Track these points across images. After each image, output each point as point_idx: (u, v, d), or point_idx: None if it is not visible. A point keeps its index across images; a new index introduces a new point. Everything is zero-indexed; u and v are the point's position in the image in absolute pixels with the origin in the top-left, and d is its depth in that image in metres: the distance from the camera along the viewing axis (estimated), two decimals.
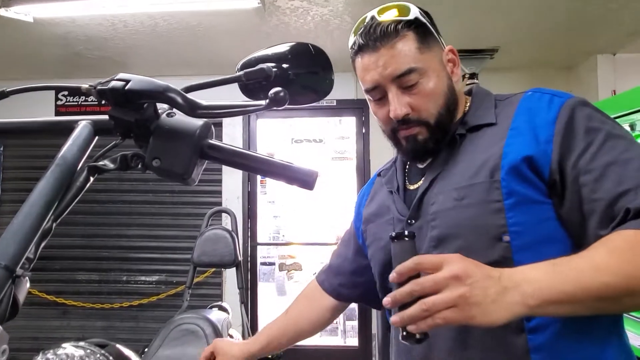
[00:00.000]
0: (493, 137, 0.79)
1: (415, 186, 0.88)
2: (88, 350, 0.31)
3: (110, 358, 0.31)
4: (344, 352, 3.79)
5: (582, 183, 0.70)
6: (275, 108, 0.57)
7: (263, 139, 3.96)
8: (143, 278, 3.69)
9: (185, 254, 3.57)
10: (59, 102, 3.78)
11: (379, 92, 0.85)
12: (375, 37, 0.82)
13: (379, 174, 1.02)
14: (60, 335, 3.63)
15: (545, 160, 0.72)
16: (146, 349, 1.58)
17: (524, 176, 0.73)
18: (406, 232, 0.69)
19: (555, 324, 0.71)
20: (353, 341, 3.80)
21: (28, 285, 0.50)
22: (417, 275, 0.63)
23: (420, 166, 0.90)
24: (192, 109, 0.56)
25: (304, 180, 0.60)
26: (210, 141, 0.61)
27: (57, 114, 3.75)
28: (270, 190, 4.35)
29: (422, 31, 0.83)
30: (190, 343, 1.46)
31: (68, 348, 0.31)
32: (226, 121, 3.58)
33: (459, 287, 0.59)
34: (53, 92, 3.78)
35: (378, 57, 0.82)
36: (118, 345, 0.34)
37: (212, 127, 0.63)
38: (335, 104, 3.64)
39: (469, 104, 0.89)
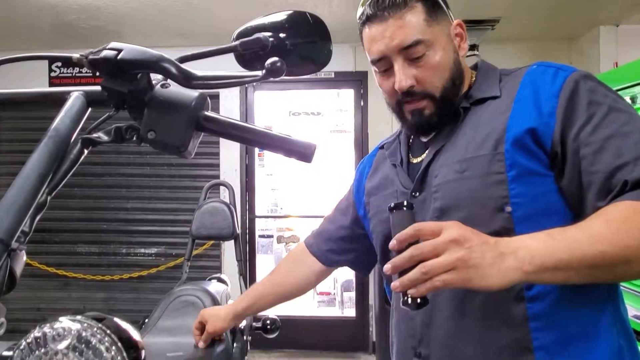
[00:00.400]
0: (497, 110, 0.80)
1: (419, 159, 0.89)
2: (85, 324, 0.31)
3: (108, 331, 0.31)
4: (342, 323, 3.86)
5: (582, 155, 0.71)
6: (272, 79, 0.56)
7: (260, 112, 3.92)
8: (142, 250, 3.72)
9: (184, 226, 3.59)
10: (52, 74, 3.73)
11: (385, 64, 0.85)
12: (383, 7, 0.82)
13: (381, 147, 1.03)
14: (62, 306, 3.68)
15: (548, 132, 0.73)
16: (146, 320, 1.61)
17: (527, 148, 0.74)
18: (405, 202, 0.70)
19: (554, 293, 0.73)
20: (350, 312, 3.87)
21: (24, 258, 0.50)
22: (417, 243, 0.65)
23: (424, 140, 0.90)
24: (187, 79, 0.55)
25: (302, 152, 0.59)
26: (206, 113, 0.60)
27: (51, 85, 3.70)
28: (268, 163, 4.34)
29: (431, 3, 0.83)
30: (189, 314, 1.48)
31: (65, 322, 0.31)
32: (223, 93, 3.54)
33: (458, 250, 0.61)
34: (46, 63, 3.72)
35: (385, 28, 0.82)
36: (116, 319, 0.34)
37: (208, 98, 0.61)
38: (333, 76, 3.59)
39: (474, 78, 0.89)
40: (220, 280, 1.91)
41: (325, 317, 3.95)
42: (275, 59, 0.55)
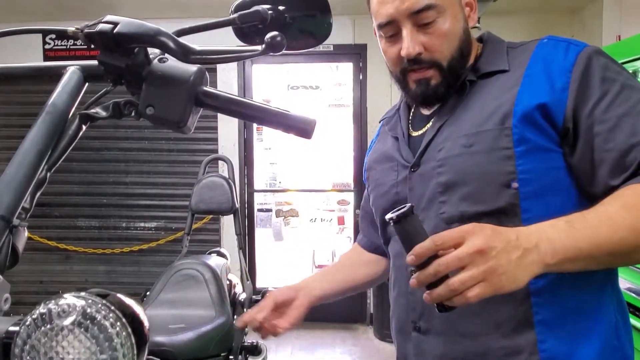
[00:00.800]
0: (505, 83, 0.78)
1: (420, 132, 0.87)
2: (90, 301, 0.31)
3: (112, 307, 0.32)
4: None
5: (596, 132, 0.70)
6: (271, 54, 0.55)
7: (259, 86, 3.88)
8: (142, 224, 3.74)
9: (183, 200, 3.60)
10: (47, 46, 3.66)
11: (392, 29, 0.81)
12: None
13: (383, 122, 1.01)
14: (64, 279, 3.73)
15: (560, 108, 0.72)
16: (148, 293, 1.63)
17: (537, 124, 0.72)
18: (405, 209, 0.64)
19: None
20: None
21: (26, 234, 0.50)
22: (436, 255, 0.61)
23: (426, 113, 0.88)
24: (185, 54, 0.54)
25: (302, 128, 0.59)
26: (205, 88, 0.59)
27: (46, 58, 3.64)
28: (266, 137, 4.32)
29: None
30: (190, 287, 1.50)
31: (69, 298, 0.31)
32: (220, 67, 3.49)
33: (485, 260, 0.58)
34: (40, 36, 3.65)
35: None
36: (119, 295, 0.34)
37: (207, 73, 0.61)
38: (332, 49, 3.54)
39: (480, 50, 0.86)
40: (220, 254, 1.93)
41: None
42: (275, 33, 0.54)
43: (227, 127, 3.60)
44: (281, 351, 3.19)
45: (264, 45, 0.54)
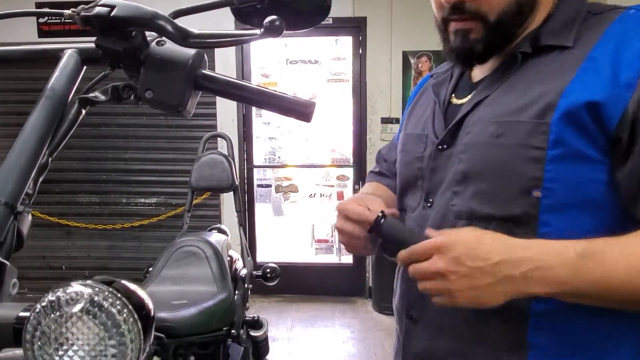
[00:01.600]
0: (562, 66, 0.63)
1: (461, 101, 0.76)
2: (97, 288, 0.32)
3: (118, 295, 0.33)
4: (339, 269, 3.97)
5: None
6: (271, 38, 0.55)
7: (257, 60, 3.84)
8: (142, 200, 3.76)
9: (182, 176, 3.61)
10: (41, 20, 3.59)
11: None
12: None
13: (431, 75, 0.88)
14: (66, 255, 3.77)
15: (617, 108, 0.57)
16: (150, 269, 1.66)
17: (582, 125, 0.59)
18: (377, 218, 0.73)
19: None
20: (348, 259, 3.97)
21: (30, 218, 0.51)
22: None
23: (476, 79, 0.76)
24: (184, 37, 0.53)
25: (301, 111, 0.59)
26: (204, 71, 0.59)
27: (40, 33, 3.59)
28: (265, 112, 4.29)
29: None
30: (192, 264, 1.53)
31: (76, 286, 0.32)
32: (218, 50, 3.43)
33: (442, 281, 0.62)
34: (34, 9, 3.58)
35: None
36: (123, 281, 0.35)
37: (205, 56, 0.60)
38: (331, 22, 3.48)
39: (552, 10, 0.70)
40: (220, 230, 1.95)
41: (323, 264, 4.06)
42: (273, 17, 0.53)
43: (226, 103, 3.58)
44: (281, 324, 3.26)
45: (262, 30, 0.53)
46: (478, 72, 0.77)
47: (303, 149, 4.54)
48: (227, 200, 3.62)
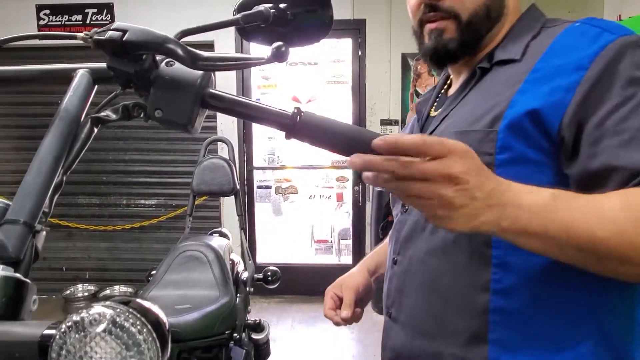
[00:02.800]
0: (511, 78, 0.68)
1: (435, 114, 0.82)
2: (118, 309, 0.34)
3: (138, 315, 0.35)
4: (338, 270, 3.96)
5: (603, 148, 0.58)
6: (277, 63, 0.57)
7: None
8: (142, 201, 3.78)
9: (182, 178, 3.63)
10: (41, 22, 3.61)
11: None
12: None
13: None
14: (67, 256, 3.79)
15: (558, 112, 0.61)
16: (153, 272, 1.68)
17: (525, 131, 0.63)
18: None
19: (524, 290, 0.66)
20: (347, 259, 4.00)
21: (44, 234, 0.53)
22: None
23: (449, 94, 0.82)
24: (193, 61, 0.55)
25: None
26: (211, 90, 0.61)
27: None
28: None
29: None
30: (194, 268, 1.55)
31: (98, 308, 0.34)
32: (218, 43, 3.45)
33: (447, 189, 0.50)
34: (34, 12, 3.59)
35: None
36: (138, 300, 0.38)
37: (212, 75, 0.62)
38: None
39: (511, 27, 0.76)
40: (221, 234, 1.97)
41: (323, 265, 4.09)
42: (280, 43, 0.55)
43: None
44: (282, 325, 3.29)
45: (269, 55, 0.56)
46: (453, 88, 0.83)
47: (302, 150, 4.55)
48: (227, 202, 3.64)
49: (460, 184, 0.51)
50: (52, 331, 0.36)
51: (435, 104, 0.86)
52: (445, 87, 0.88)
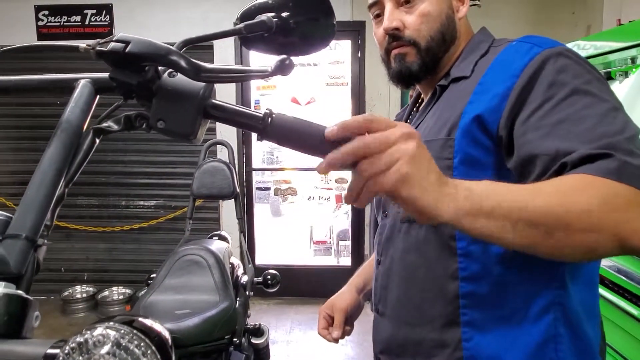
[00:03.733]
0: (462, 93, 0.78)
1: None
2: (122, 331, 0.34)
3: (142, 336, 0.35)
4: (337, 271, 3.99)
5: (527, 140, 0.66)
6: (281, 76, 0.57)
7: (255, 64, 3.85)
8: (141, 203, 3.77)
9: (181, 179, 3.63)
10: (40, 23, 3.60)
11: (378, 8, 0.88)
12: None
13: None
14: (66, 257, 3.77)
15: (496, 116, 0.71)
16: (153, 275, 1.67)
17: (474, 136, 0.73)
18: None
19: (488, 276, 0.74)
20: (346, 261, 4.00)
21: (45, 247, 0.53)
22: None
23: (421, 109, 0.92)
24: (196, 72, 0.55)
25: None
26: (213, 101, 0.61)
27: (39, 36, 3.59)
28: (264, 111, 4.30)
29: None
30: (194, 273, 1.55)
31: (101, 329, 0.34)
32: (217, 44, 3.45)
33: (409, 142, 0.50)
34: (33, 13, 3.58)
35: None
36: (141, 319, 0.37)
37: (215, 86, 0.62)
38: None
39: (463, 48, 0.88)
40: (221, 237, 1.97)
41: (322, 266, 4.08)
42: (284, 56, 0.55)
43: None
44: (280, 327, 3.28)
45: (273, 67, 0.55)
46: (422, 105, 0.92)
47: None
48: (227, 204, 3.63)
49: (415, 138, 0.50)
50: (56, 351, 0.36)
51: (409, 120, 0.97)
52: (417, 104, 0.99)
